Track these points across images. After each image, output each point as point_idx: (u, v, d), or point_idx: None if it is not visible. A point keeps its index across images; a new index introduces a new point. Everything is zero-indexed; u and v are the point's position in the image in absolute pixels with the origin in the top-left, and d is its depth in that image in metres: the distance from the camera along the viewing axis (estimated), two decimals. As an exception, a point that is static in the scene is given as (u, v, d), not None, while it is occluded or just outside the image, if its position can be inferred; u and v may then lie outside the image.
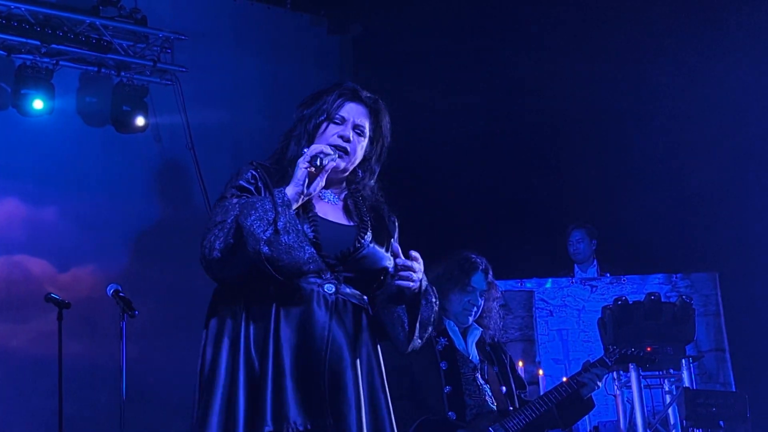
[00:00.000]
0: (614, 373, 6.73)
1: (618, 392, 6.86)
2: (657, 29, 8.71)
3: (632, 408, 6.75)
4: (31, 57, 8.66)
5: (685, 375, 6.95)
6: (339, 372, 3.35)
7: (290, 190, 3.36)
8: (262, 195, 3.41)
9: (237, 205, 3.35)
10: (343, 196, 3.64)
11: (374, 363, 3.50)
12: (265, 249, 3.24)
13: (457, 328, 5.42)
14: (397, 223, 3.71)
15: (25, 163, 8.74)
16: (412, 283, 3.46)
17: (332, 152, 3.45)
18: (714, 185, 8.83)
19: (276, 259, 3.26)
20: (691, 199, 8.98)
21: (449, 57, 9.35)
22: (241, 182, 3.46)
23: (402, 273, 3.44)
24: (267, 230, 3.26)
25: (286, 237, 3.27)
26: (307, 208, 3.45)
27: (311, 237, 3.40)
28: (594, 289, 8.04)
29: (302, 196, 3.40)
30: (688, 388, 6.83)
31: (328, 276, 3.42)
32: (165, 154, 9.33)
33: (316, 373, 3.33)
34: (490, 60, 9.14)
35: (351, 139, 3.56)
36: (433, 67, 9.50)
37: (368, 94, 3.70)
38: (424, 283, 3.54)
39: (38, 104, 8.65)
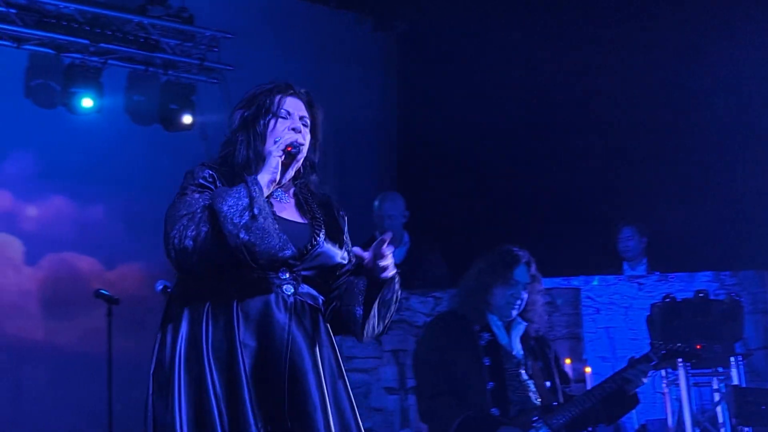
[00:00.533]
0: (662, 370, 6.67)
1: (666, 390, 6.81)
2: (707, 23, 8.64)
3: (680, 406, 6.69)
4: (80, 56, 8.74)
5: (733, 373, 6.87)
6: (301, 374, 3.34)
7: (263, 178, 3.40)
8: (232, 185, 3.41)
9: (201, 199, 3.38)
10: (291, 192, 3.64)
11: (335, 365, 3.49)
12: (243, 234, 3.26)
13: (500, 323, 5.38)
14: (346, 218, 3.71)
15: (73, 162, 8.83)
16: (391, 272, 3.49)
17: (303, 142, 3.52)
18: (764, 183, 8.74)
19: (252, 244, 3.27)
20: (740, 196, 8.90)
21: (494, 53, 9.32)
22: (199, 180, 3.46)
23: (382, 265, 3.46)
24: (243, 215, 3.28)
25: (262, 222, 3.29)
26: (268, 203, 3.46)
27: None
28: (641, 286, 7.96)
29: (273, 185, 3.45)
30: (737, 386, 6.76)
31: (287, 276, 3.43)
32: (211, 152, 9.31)
33: (277, 376, 3.33)
34: (536, 55, 9.10)
35: (301, 129, 3.58)
36: (477, 63, 9.48)
37: (301, 89, 3.71)
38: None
39: (87, 103, 8.73)
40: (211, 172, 3.48)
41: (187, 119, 8.97)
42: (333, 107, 10.13)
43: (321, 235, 3.48)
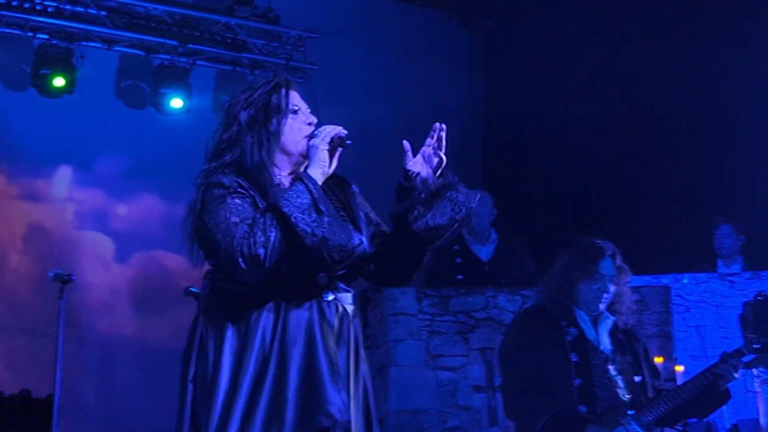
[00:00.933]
0: (754, 369, 6.55)
1: (758, 389, 6.68)
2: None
3: (773, 406, 6.57)
4: (168, 57, 8.87)
5: (829, 372, 6.74)
6: (343, 377, 3.38)
7: (315, 173, 3.39)
8: (263, 195, 3.40)
9: (247, 204, 3.35)
10: None
11: (362, 362, 3.50)
12: (318, 231, 3.25)
13: (587, 318, 5.30)
14: (352, 187, 3.69)
15: (162, 161, 8.95)
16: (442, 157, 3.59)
17: (347, 132, 3.52)
18: None
19: (327, 239, 3.26)
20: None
21: (579, 48, 9.24)
22: (235, 187, 3.39)
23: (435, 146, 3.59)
24: (311, 213, 3.26)
25: (328, 217, 3.29)
26: None
27: None
28: (732, 284, 7.84)
29: (324, 177, 3.43)
30: (831, 385, 6.62)
31: (325, 281, 3.41)
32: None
33: (322, 381, 3.33)
34: (624, 49, 9.00)
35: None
36: (563, 59, 9.41)
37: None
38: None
39: (176, 103, 8.86)
40: (238, 180, 3.41)
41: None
42: (418, 105, 10.23)
43: (361, 235, 3.48)
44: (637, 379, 5.28)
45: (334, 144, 3.46)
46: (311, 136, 3.49)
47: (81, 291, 7.48)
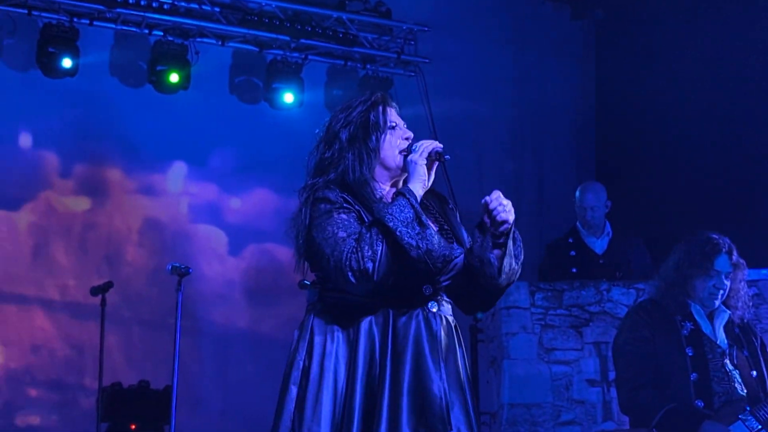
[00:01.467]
0: None
1: None
2: None
3: None
4: (281, 52, 8.96)
5: None
6: (451, 387, 3.49)
7: (416, 187, 3.52)
8: (367, 210, 3.51)
9: (352, 219, 3.48)
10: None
11: (462, 370, 3.58)
12: (422, 244, 3.38)
13: (703, 312, 5.23)
14: (451, 203, 3.76)
15: (275, 155, 9.05)
16: (510, 216, 3.54)
17: (442, 146, 3.61)
18: None
19: (430, 251, 3.40)
20: None
21: (693, 39, 9.08)
22: (341, 202, 3.52)
23: (497, 208, 3.51)
24: (414, 227, 3.39)
25: (430, 230, 3.43)
26: None
27: None
28: None
29: (424, 190, 3.56)
30: None
31: (429, 292, 3.53)
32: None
33: (436, 390, 3.44)
34: (737, 40, 8.82)
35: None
36: (676, 49, 9.26)
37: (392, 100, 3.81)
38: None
39: (288, 98, 8.95)
40: (344, 195, 3.54)
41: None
42: (531, 97, 10.20)
43: (457, 249, 3.58)
44: (754, 373, 5.19)
45: (431, 159, 3.58)
46: (408, 151, 3.61)
47: (195, 283, 7.59)
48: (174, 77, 8.70)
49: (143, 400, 8.03)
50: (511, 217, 3.53)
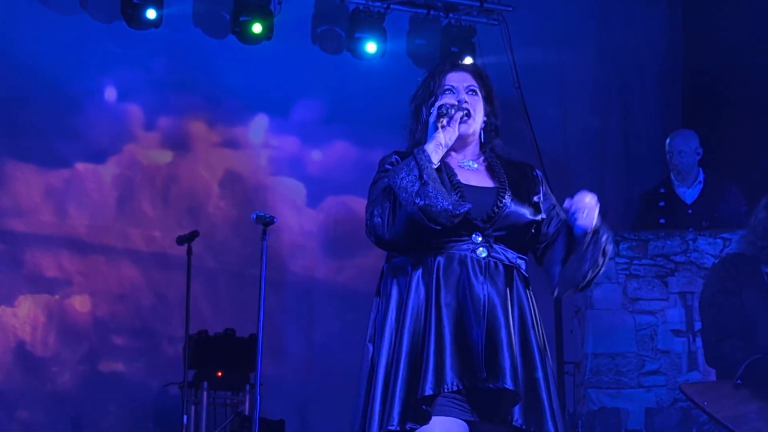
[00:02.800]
0: None
1: None
2: None
3: None
4: (363, 1, 8.94)
5: None
6: (495, 333, 3.56)
7: (429, 145, 3.63)
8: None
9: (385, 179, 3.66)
10: (481, 159, 3.83)
11: (529, 319, 3.66)
12: (419, 200, 3.49)
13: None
14: (540, 174, 3.86)
15: (357, 106, 9.08)
16: (590, 223, 3.59)
17: (456, 102, 3.68)
18: None
19: (428, 206, 3.49)
20: None
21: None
22: (386, 166, 3.74)
23: (576, 214, 3.59)
24: (415, 183, 3.53)
25: (432, 185, 3.51)
26: (451, 176, 3.69)
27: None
28: None
29: (441, 148, 3.64)
30: None
31: (480, 240, 3.63)
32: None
33: (476, 335, 3.55)
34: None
35: (467, 100, 3.74)
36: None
37: (467, 62, 4.06)
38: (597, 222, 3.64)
39: (371, 47, 8.94)
40: (396, 157, 3.74)
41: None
42: (615, 45, 10.07)
43: (506, 197, 3.66)
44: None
45: (441, 115, 3.65)
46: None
47: (275, 234, 7.64)
48: (257, 27, 8.73)
49: (229, 347, 8.14)
50: (591, 223, 3.61)
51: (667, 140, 7.63)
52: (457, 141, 3.71)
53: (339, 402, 8.66)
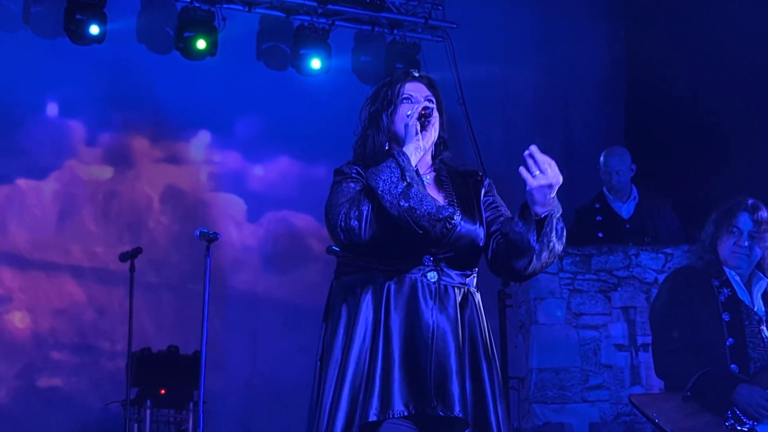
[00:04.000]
0: None
1: None
2: None
3: None
4: (308, 18, 8.95)
5: None
6: (444, 360, 3.55)
7: (408, 147, 3.62)
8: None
9: (356, 187, 3.62)
10: (430, 171, 3.82)
11: (478, 339, 3.66)
12: (403, 202, 3.46)
13: (739, 279, 5.21)
14: (483, 178, 3.85)
15: (301, 122, 9.07)
16: (546, 179, 3.47)
17: (432, 106, 3.71)
18: None
19: (413, 209, 3.46)
20: None
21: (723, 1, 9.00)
22: (353, 174, 3.69)
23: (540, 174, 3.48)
24: (398, 185, 3.48)
25: (416, 188, 3.49)
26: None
27: None
28: None
29: (420, 152, 3.63)
30: None
31: (430, 262, 3.62)
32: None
33: (423, 362, 3.53)
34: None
35: (429, 106, 3.73)
36: (706, 12, 9.16)
37: (421, 73, 3.90)
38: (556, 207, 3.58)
39: (316, 64, 8.94)
40: (356, 167, 3.70)
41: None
42: (558, 61, 10.14)
43: (456, 216, 3.62)
44: (791, 341, 5.16)
45: (421, 116, 3.67)
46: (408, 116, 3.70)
47: (216, 249, 7.58)
48: (201, 43, 8.70)
49: (172, 365, 8.08)
50: (544, 182, 3.48)
51: (602, 158, 7.68)
52: None
53: (282, 419, 8.68)
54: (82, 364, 8.60)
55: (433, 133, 3.69)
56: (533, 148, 3.50)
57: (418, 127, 3.64)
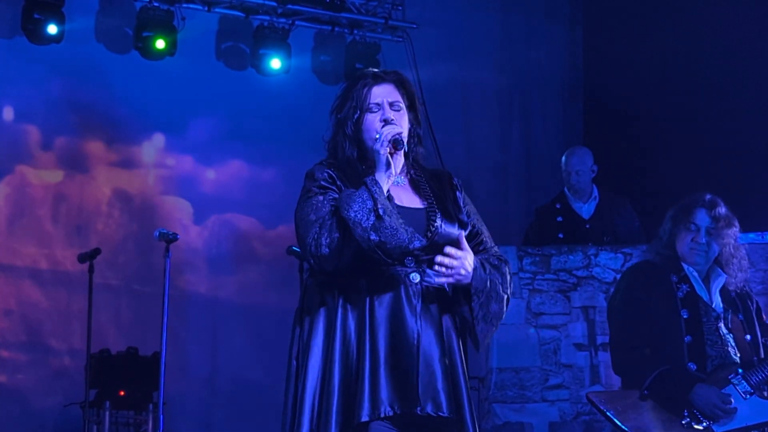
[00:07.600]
0: None
1: None
2: None
3: None
4: (268, 18, 8.93)
5: None
6: (431, 359, 3.56)
7: (380, 176, 3.56)
8: (352, 188, 3.58)
9: (326, 202, 3.58)
10: (404, 171, 3.78)
11: (454, 342, 3.67)
12: (374, 236, 3.43)
13: (697, 275, 5.21)
14: (458, 182, 3.85)
15: (258, 124, 9.08)
16: (447, 278, 3.59)
17: (402, 130, 3.65)
18: None
19: (384, 243, 3.45)
20: None
21: (683, 2, 9.06)
22: (321, 183, 3.64)
23: (437, 268, 3.57)
24: (369, 218, 3.44)
25: (388, 220, 3.45)
26: (388, 196, 3.61)
27: None
28: (838, 241, 7.66)
29: (392, 178, 3.61)
30: None
31: (412, 264, 3.59)
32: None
33: (409, 363, 3.54)
34: (727, 3, 8.79)
35: (393, 117, 3.68)
36: (665, 13, 9.23)
37: (387, 70, 3.85)
38: (475, 278, 3.62)
39: (276, 64, 8.93)
40: (329, 171, 3.65)
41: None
42: (518, 62, 10.18)
43: (437, 219, 3.63)
44: (748, 338, 5.19)
45: (393, 146, 3.61)
46: (377, 139, 3.64)
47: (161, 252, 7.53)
48: (160, 43, 8.64)
49: (131, 366, 8.04)
50: (448, 280, 3.59)
51: (563, 158, 7.71)
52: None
53: (243, 420, 8.66)
54: (39, 365, 8.52)
55: (402, 156, 3.68)
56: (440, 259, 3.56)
57: (389, 156, 3.59)
